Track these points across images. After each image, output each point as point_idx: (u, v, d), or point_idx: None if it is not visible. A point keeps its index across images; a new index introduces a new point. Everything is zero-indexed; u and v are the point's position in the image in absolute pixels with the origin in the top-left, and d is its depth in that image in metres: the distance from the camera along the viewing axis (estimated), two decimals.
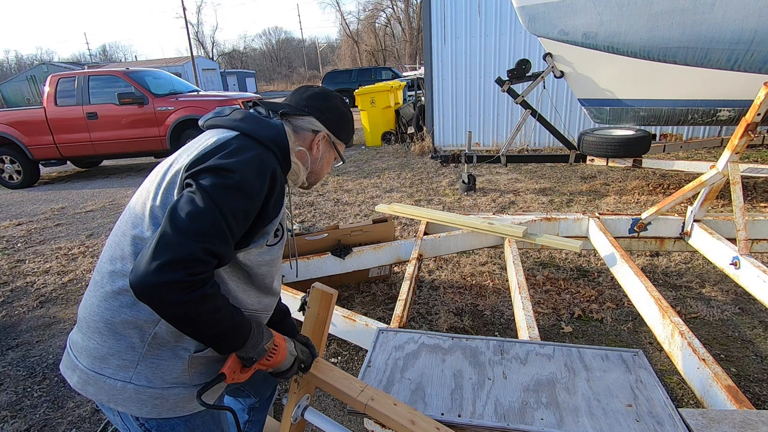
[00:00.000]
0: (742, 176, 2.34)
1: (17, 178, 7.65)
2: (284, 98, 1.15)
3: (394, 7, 44.11)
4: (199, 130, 1.11)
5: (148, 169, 8.56)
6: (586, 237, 2.78)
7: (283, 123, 1.04)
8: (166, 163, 1.01)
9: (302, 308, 1.33)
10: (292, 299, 2.13)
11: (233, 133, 0.97)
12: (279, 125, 1.01)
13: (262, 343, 0.97)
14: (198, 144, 0.98)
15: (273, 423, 1.59)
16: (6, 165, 7.54)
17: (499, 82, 5.01)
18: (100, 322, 0.93)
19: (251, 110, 1.08)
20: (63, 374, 1.00)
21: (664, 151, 5.22)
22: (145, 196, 0.97)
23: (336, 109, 1.14)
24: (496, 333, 2.56)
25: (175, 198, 0.90)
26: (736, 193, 2.21)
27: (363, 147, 8.94)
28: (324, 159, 1.16)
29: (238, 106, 1.09)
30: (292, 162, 1.04)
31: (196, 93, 7.98)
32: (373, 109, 8.70)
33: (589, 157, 5.00)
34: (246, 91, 30.73)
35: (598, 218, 2.73)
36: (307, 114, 1.09)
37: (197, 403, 0.93)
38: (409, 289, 2.13)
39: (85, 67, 30.01)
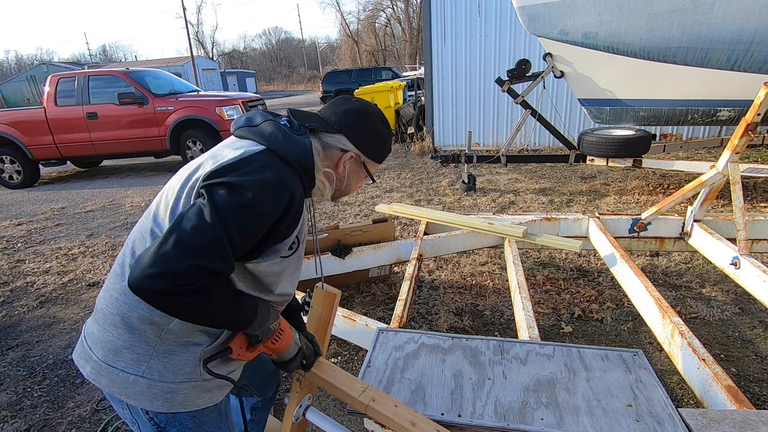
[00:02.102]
0: (742, 176, 2.34)
1: (17, 178, 7.65)
2: (320, 108, 1.10)
3: (394, 7, 44.16)
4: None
5: (148, 169, 8.56)
6: (586, 237, 2.79)
7: (311, 140, 1.01)
8: (192, 164, 1.01)
9: (302, 308, 1.33)
10: None
11: (260, 148, 0.96)
12: (307, 144, 0.99)
13: (267, 323, 1.00)
14: (225, 153, 0.97)
15: (274, 422, 1.59)
16: (6, 165, 7.54)
17: (499, 82, 5.01)
18: (117, 315, 0.95)
19: (283, 119, 1.04)
20: (76, 363, 1.01)
21: (664, 151, 5.22)
22: (169, 196, 0.98)
23: (370, 128, 1.08)
24: (496, 333, 2.56)
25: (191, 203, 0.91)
26: (736, 193, 2.21)
27: None
28: (352, 177, 1.12)
29: (270, 116, 1.05)
30: (317, 180, 1.02)
31: (196, 93, 7.97)
32: None
33: (589, 157, 5.00)
34: (246, 91, 30.74)
35: (598, 218, 2.73)
36: (337, 131, 1.05)
37: (203, 371, 0.96)
38: (409, 289, 2.13)
39: (85, 67, 30.00)
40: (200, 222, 0.83)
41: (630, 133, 4.54)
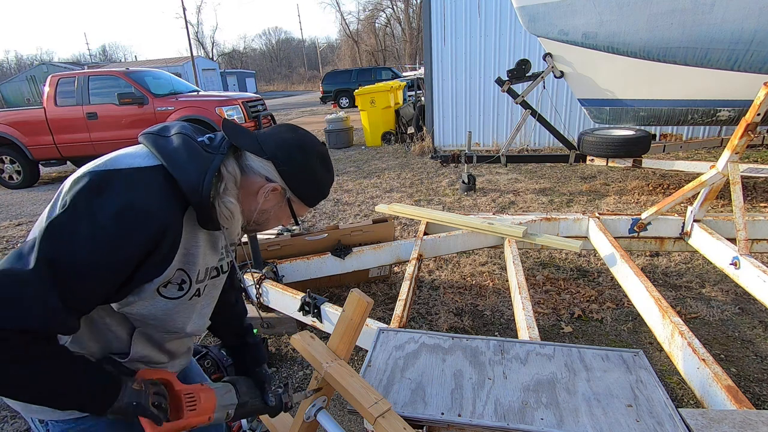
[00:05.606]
0: (742, 176, 2.34)
1: (17, 178, 7.65)
2: (265, 128, 0.99)
3: (394, 7, 44.16)
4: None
5: None
6: (586, 237, 2.78)
7: (224, 161, 0.88)
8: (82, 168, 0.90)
9: (302, 308, 1.32)
10: (291, 299, 2.13)
11: (149, 164, 0.84)
12: (213, 166, 0.85)
13: (123, 400, 0.79)
14: (107, 157, 0.86)
15: (286, 415, 1.58)
16: (6, 165, 7.55)
17: (499, 82, 5.02)
18: None
19: (207, 135, 0.93)
20: None
21: (664, 151, 5.22)
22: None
23: (306, 167, 0.93)
24: (496, 333, 2.56)
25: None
26: (736, 193, 2.21)
27: (363, 147, 8.94)
28: (272, 213, 0.96)
29: (187, 125, 0.93)
30: (220, 209, 0.87)
31: (196, 93, 7.98)
32: (373, 109, 8.70)
33: (589, 157, 5.01)
34: (246, 91, 30.75)
35: (598, 218, 2.73)
36: (267, 157, 0.90)
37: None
38: (409, 289, 2.13)
39: (85, 67, 30.01)
40: (20, 266, 0.68)
41: (630, 133, 4.55)
